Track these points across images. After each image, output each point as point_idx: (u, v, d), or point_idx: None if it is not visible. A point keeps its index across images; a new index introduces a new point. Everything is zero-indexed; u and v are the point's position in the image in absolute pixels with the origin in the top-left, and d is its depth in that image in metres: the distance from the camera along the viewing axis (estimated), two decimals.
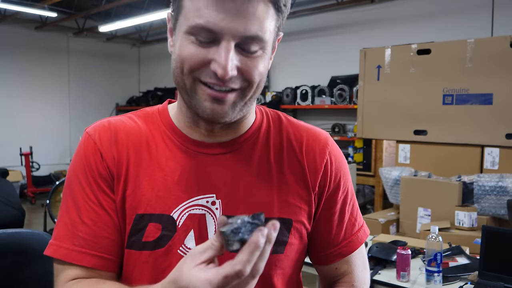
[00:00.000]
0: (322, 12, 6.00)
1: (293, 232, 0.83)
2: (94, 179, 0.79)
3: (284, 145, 0.86)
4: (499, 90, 2.93)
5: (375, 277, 2.07)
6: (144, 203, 0.79)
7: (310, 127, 0.92)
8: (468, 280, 2.01)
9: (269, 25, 0.72)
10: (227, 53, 0.69)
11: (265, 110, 0.91)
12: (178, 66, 0.74)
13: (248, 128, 0.86)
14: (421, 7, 5.07)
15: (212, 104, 0.73)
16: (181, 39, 0.73)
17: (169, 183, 0.80)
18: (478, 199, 2.86)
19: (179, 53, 0.73)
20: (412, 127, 3.32)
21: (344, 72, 5.57)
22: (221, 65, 0.69)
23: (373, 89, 3.54)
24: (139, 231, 0.78)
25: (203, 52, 0.71)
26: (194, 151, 0.82)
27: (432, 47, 3.25)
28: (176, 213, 0.79)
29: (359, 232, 0.92)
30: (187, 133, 0.83)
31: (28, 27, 7.86)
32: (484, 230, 2.03)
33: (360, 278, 0.93)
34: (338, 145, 0.94)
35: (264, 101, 6.12)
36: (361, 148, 4.66)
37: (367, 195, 5.10)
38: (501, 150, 2.91)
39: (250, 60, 0.72)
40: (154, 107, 0.90)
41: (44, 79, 8.14)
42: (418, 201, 3.05)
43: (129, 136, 0.82)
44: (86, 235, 0.77)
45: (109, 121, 0.85)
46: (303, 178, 0.84)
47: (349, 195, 0.91)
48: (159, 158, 0.81)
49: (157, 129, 0.84)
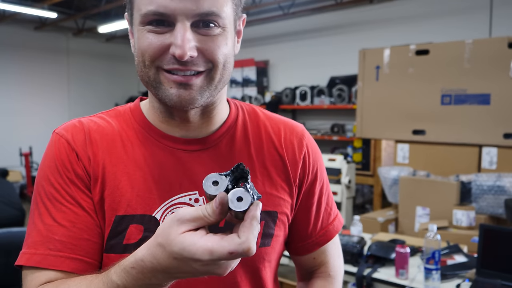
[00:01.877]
0: (321, 13, 6.01)
1: (278, 224, 0.83)
2: (70, 179, 0.75)
3: (263, 139, 0.85)
4: (497, 91, 2.95)
5: (374, 275, 2.09)
6: (124, 204, 0.75)
7: (285, 119, 0.91)
8: (465, 278, 2.03)
9: (224, 1, 0.71)
10: (184, 33, 0.68)
11: (239, 103, 0.90)
12: (140, 60, 0.72)
13: (223, 121, 0.84)
14: (419, 8, 5.09)
15: (178, 90, 0.71)
16: (138, 32, 0.72)
17: (149, 182, 0.77)
18: (476, 198, 2.88)
19: (139, 46, 0.72)
20: (411, 127, 3.34)
21: (343, 72, 5.58)
22: (178, 45, 0.68)
23: (372, 89, 3.56)
24: (119, 233, 0.75)
25: (160, 39, 0.70)
26: (172, 147, 0.79)
27: (430, 47, 3.27)
28: (158, 213, 0.76)
29: (335, 221, 0.93)
30: (163, 129, 0.80)
31: (28, 28, 7.85)
32: (482, 228, 2.05)
33: (335, 267, 0.95)
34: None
35: (263, 101, 6.13)
36: (360, 148, 4.67)
37: (366, 195, 5.11)
38: (499, 150, 2.93)
39: (210, 39, 0.70)
40: (126, 105, 0.87)
41: (43, 79, 8.14)
42: (416, 200, 3.07)
43: (103, 136, 0.79)
44: (64, 237, 0.72)
45: (80, 121, 0.81)
46: (284, 171, 0.84)
47: (325, 186, 0.92)
48: (137, 156, 0.78)
49: (130, 127, 0.81)
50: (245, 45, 6.92)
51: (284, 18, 6.25)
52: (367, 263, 2.19)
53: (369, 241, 2.49)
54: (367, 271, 2.13)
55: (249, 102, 6.27)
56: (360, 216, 2.77)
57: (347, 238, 2.31)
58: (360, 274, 2.11)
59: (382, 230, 3.07)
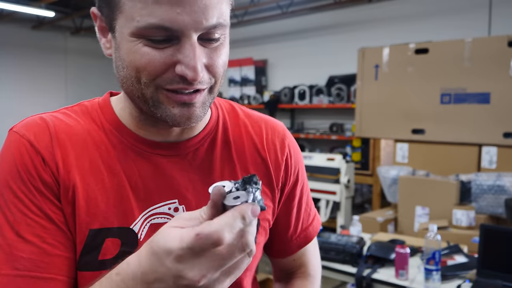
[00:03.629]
0: (320, 12, 6.00)
1: (261, 231, 0.80)
2: (36, 187, 0.65)
3: (244, 140, 0.80)
4: (496, 89, 2.94)
5: (374, 276, 2.08)
6: (99, 216, 0.67)
7: (265, 117, 0.86)
8: (466, 278, 2.02)
9: (226, 7, 0.64)
10: (194, 52, 0.60)
11: (218, 101, 0.84)
12: (132, 75, 0.63)
13: (205, 124, 0.77)
14: (419, 7, 5.08)
15: (181, 109, 0.65)
16: (127, 43, 0.62)
17: (126, 190, 0.69)
18: (476, 198, 2.87)
19: (131, 60, 0.62)
20: (410, 126, 3.32)
21: (342, 71, 5.56)
22: (190, 67, 0.60)
23: (371, 88, 3.55)
24: (94, 248, 0.66)
25: (162, 55, 0.61)
26: (149, 152, 0.72)
27: (430, 46, 3.25)
28: (136, 225, 0.69)
29: (314, 221, 0.91)
30: (138, 133, 0.72)
31: (25, 27, 7.83)
32: (482, 228, 2.04)
33: (315, 266, 0.93)
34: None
35: (262, 101, 6.11)
36: (359, 147, 4.66)
37: (365, 194, 5.10)
38: (498, 149, 2.92)
39: (214, 51, 0.64)
40: (94, 100, 0.77)
41: (41, 78, 8.11)
42: (416, 200, 3.06)
43: (71, 137, 0.69)
44: (32, 255, 0.62)
45: (42, 118, 0.70)
46: (267, 175, 0.80)
47: (305, 186, 0.89)
48: (111, 162, 0.69)
49: (101, 127, 0.72)
50: (243, 44, 6.94)
51: (283, 17, 6.24)
52: (366, 264, 2.18)
53: (369, 241, 2.48)
54: (367, 271, 2.12)
55: (247, 101, 6.26)
56: (359, 216, 2.76)
57: (346, 238, 2.30)
58: (359, 274, 2.10)
59: (381, 230, 3.06)
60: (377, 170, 3.56)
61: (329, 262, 2.25)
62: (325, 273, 2.30)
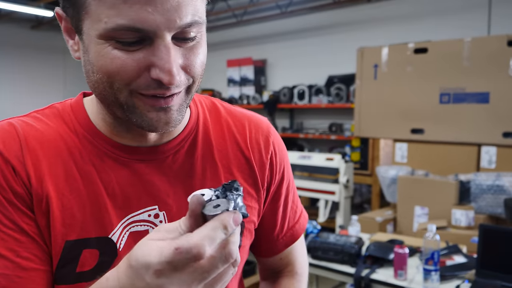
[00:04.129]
0: (319, 11, 5.99)
1: (245, 233, 0.77)
2: (7, 199, 0.61)
3: (226, 139, 0.77)
4: (496, 89, 2.93)
5: (372, 276, 2.07)
6: (75, 226, 0.63)
7: (249, 114, 0.82)
8: (465, 279, 2.01)
9: (201, 4, 0.60)
10: (169, 53, 0.57)
11: (198, 98, 0.80)
12: (103, 80, 0.59)
13: (185, 124, 0.74)
14: (418, 6, 5.07)
15: (158, 114, 0.61)
16: (95, 46, 0.58)
17: (103, 198, 0.66)
18: (475, 198, 2.86)
19: (101, 65, 0.58)
20: (409, 126, 3.32)
21: (341, 71, 5.55)
22: (166, 70, 0.56)
23: (370, 88, 3.54)
24: (71, 260, 0.63)
25: (134, 58, 0.57)
26: (126, 158, 0.68)
27: (429, 46, 3.24)
28: (115, 234, 0.65)
29: (300, 219, 0.89)
30: (113, 139, 0.68)
31: (24, 27, 7.82)
32: (482, 228, 2.03)
33: (302, 264, 0.92)
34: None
35: (261, 101, 6.11)
36: (358, 147, 4.65)
37: (364, 194, 5.09)
38: (498, 149, 2.91)
39: (190, 51, 0.60)
40: (65, 102, 0.73)
41: (40, 79, 8.10)
42: (415, 200, 3.05)
43: (43, 143, 0.65)
44: (6, 270, 0.59)
45: (10, 123, 0.66)
46: (251, 175, 0.77)
47: (291, 183, 0.86)
48: (86, 169, 0.66)
49: (73, 131, 0.68)
50: (242, 44, 6.93)
51: (282, 17, 6.23)
52: (365, 264, 2.17)
53: (367, 241, 2.47)
54: (365, 272, 2.11)
55: (247, 101, 6.25)
56: (358, 216, 2.75)
57: (345, 239, 2.29)
58: (358, 275, 2.09)
59: (380, 230, 3.05)
60: (376, 170, 3.55)
61: (328, 262, 2.24)
62: (323, 273, 2.29)
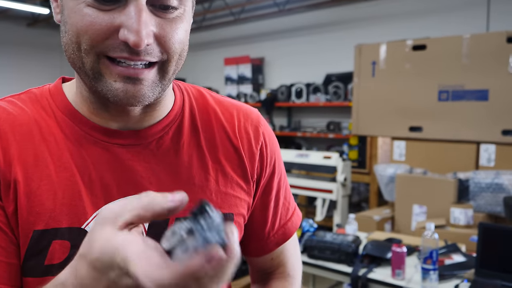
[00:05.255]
0: (317, 9, 5.97)
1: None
2: None
3: (214, 128, 0.73)
4: (495, 86, 2.90)
5: (370, 275, 2.04)
6: (44, 215, 0.59)
7: (238, 103, 0.79)
8: (464, 278, 1.98)
9: None
10: (139, 14, 0.54)
11: (184, 86, 0.77)
12: (73, 40, 0.56)
13: (169, 109, 0.70)
14: (416, 3, 5.05)
15: (125, 84, 0.57)
16: (70, 2, 0.56)
17: (77, 185, 0.61)
18: (474, 196, 2.83)
19: (72, 22, 0.56)
20: (408, 124, 3.29)
21: (339, 69, 5.54)
22: (133, 30, 0.54)
23: (368, 85, 3.51)
24: (39, 252, 0.59)
25: (105, 18, 0.54)
26: (106, 142, 0.64)
27: (427, 43, 3.22)
28: (89, 225, 0.61)
29: (293, 216, 0.84)
30: (94, 120, 0.65)
31: (20, 24, 7.78)
32: (481, 227, 2.00)
33: (295, 266, 0.87)
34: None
35: (259, 99, 6.08)
36: (356, 145, 4.63)
37: (362, 193, 5.07)
38: (497, 147, 2.89)
39: (168, 23, 0.57)
40: (44, 87, 0.70)
41: (36, 77, 8.06)
42: (413, 199, 3.03)
43: (14, 127, 0.62)
44: None
45: None
46: (240, 165, 0.73)
47: (283, 178, 0.82)
48: (61, 154, 0.62)
49: (51, 116, 0.65)
50: (240, 42, 6.90)
51: (280, 14, 6.20)
52: (362, 263, 2.15)
53: (365, 240, 2.44)
54: (363, 271, 2.08)
55: (244, 99, 6.21)
56: (355, 215, 2.72)
57: (341, 237, 2.26)
58: (355, 274, 2.06)
59: (378, 229, 3.02)
60: (374, 168, 3.52)
61: (324, 261, 2.21)
62: (320, 272, 2.26)
